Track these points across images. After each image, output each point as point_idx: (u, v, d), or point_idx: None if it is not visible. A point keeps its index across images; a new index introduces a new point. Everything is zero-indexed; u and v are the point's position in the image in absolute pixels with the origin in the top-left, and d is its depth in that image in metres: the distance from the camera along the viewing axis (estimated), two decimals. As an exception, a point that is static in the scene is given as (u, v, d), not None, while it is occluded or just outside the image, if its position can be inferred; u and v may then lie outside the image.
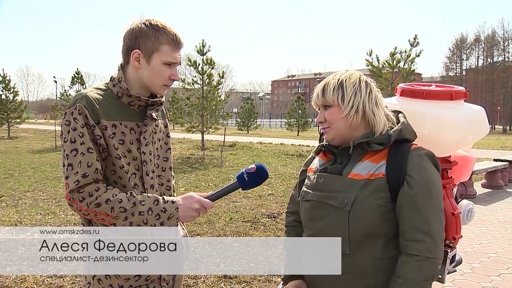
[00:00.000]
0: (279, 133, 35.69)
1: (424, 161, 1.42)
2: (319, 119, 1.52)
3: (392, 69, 17.12)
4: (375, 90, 1.52)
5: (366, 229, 1.40)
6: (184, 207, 1.52)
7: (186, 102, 16.99)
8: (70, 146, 1.46)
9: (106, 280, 1.53)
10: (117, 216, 1.45)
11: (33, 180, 9.57)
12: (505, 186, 9.24)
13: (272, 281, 3.91)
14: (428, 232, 1.36)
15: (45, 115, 57.71)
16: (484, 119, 1.89)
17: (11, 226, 5.64)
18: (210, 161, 12.87)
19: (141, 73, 1.57)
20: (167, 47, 1.54)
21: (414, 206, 1.37)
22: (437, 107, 1.77)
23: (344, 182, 1.44)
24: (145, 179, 1.58)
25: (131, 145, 1.55)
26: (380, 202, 1.39)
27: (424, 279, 1.35)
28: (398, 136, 1.46)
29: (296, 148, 17.61)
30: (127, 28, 1.57)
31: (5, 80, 25.82)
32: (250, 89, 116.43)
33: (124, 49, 1.58)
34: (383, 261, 1.42)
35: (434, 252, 1.36)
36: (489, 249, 5.05)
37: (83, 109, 1.46)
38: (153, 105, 1.61)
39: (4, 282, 3.81)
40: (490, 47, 62.75)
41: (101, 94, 1.54)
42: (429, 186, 1.39)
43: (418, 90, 1.82)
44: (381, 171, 1.42)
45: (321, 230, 1.48)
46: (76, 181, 1.42)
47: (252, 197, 7.66)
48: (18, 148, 18.14)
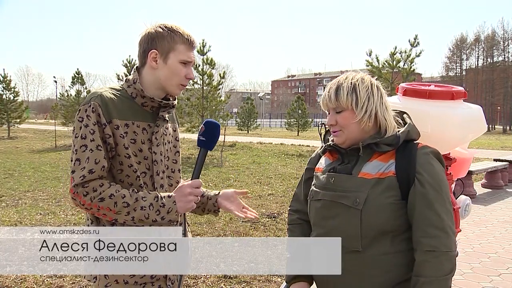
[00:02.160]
0: (279, 133, 35.69)
1: (432, 158, 1.46)
2: (331, 122, 1.52)
3: (392, 69, 17.13)
4: (384, 93, 1.54)
5: (378, 226, 1.42)
6: (179, 198, 1.56)
7: (186, 102, 16.99)
8: (80, 142, 1.49)
9: (112, 275, 1.56)
10: (120, 211, 1.48)
11: (33, 180, 9.57)
12: (505, 186, 9.24)
13: (272, 281, 3.91)
14: (441, 227, 1.39)
15: (45, 115, 57.73)
16: (482, 117, 1.95)
17: (11, 226, 5.64)
18: (210, 161, 12.86)
19: (159, 73, 1.61)
20: (182, 47, 1.60)
21: (427, 203, 1.40)
22: (440, 106, 1.81)
23: (355, 182, 1.46)
24: (155, 179, 1.62)
25: (142, 145, 1.59)
26: (391, 200, 1.42)
27: (444, 274, 1.37)
28: (406, 137, 1.49)
29: (296, 148, 17.61)
30: (143, 33, 1.62)
31: (6, 80, 25.83)
32: (250, 89, 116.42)
33: (140, 52, 1.63)
34: (391, 255, 1.44)
35: (449, 245, 1.39)
36: (489, 249, 5.05)
37: (97, 107, 1.50)
38: (165, 107, 1.65)
39: (4, 282, 3.81)
40: (490, 47, 62.74)
41: (116, 94, 1.58)
42: (439, 183, 1.43)
43: (421, 90, 1.86)
44: (391, 170, 1.44)
45: (333, 228, 1.50)
46: (82, 176, 1.46)
47: (252, 197, 7.66)
48: (18, 148, 18.14)
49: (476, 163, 10.05)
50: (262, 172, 10.96)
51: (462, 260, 4.60)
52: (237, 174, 10.57)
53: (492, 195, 8.51)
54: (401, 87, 1.95)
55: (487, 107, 59.87)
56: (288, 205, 2.00)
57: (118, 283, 1.57)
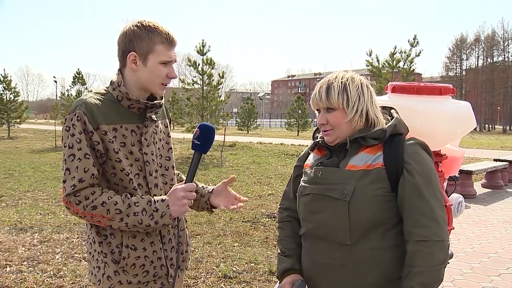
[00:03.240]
0: (279, 133, 35.68)
1: (419, 149, 1.47)
2: (321, 121, 1.52)
3: (392, 69, 17.13)
4: (373, 91, 1.55)
5: (367, 219, 1.41)
6: (172, 202, 1.56)
7: (186, 102, 16.98)
8: (68, 152, 1.50)
9: (115, 276, 1.56)
10: (113, 217, 1.49)
11: (33, 180, 9.57)
12: (505, 186, 9.24)
13: (272, 281, 3.91)
14: (432, 217, 1.38)
15: (45, 115, 57.69)
16: (471, 113, 1.97)
17: (11, 226, 5.64)
18: (210, 161, 12.84)
19: (139, 75, 1.58)
20: (161, 47, 1.56)
21: (416, 192, 1.39)
22: (427, 101, 1.84)
23: (342, 174, 1.46)
24: (149, 179, 1.62)
25: (132, 147, 1.58)
26: (379, 192, 1.42)
27: (437, 264, 1.36)
28: (392, 131, 1.49)
29: (296, 148, 17.61)
30: (120, 32, 1.59)
31: (6, 80, 25.81)
32: (250, 89, 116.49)
33: (120, 53, 1.60)
34: (382, 250, 1.43)
35: (440, 235, 1.38)
36: (489, 249, 5.05)
37: (82, 115, 1.49)
38: (152, 108, 1.63)
39: (4, 282, 3.80)
40: (490, 47, 62.78)
41: (101, 99, 1.57)
42: (428, 172, 1.43)
43: (408, 85, 1.91)
44: (379, 162, 1.44)
45: (321, 222, 1.49)
46: (73, 186, 1.47)
47: (252, 197, 7.66)
48: (18, 148, 18.14)
49: (476, 163, 10.06)
50: (262, 172, 10.96)
51: (462, 260, 4.60)
52: (237, 174, 10.57)
53: (492, 195, 8.51)
54: (390, 84, 2.00)
55: (487, 107, 59.90)
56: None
57: (121, 284, 1.57)
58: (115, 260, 1.56)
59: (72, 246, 4.83)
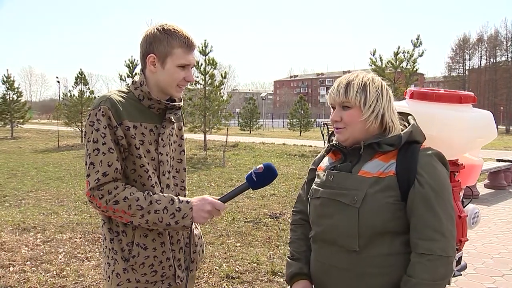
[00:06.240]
0: (281, 133, 35.66)
1: (434, 160, 1.43)
2: (335, 118, 1.50)
3: (395, 69, 17.08)
4: (392, 96, 1.54)
5: (376, 226, 1.40)
6: (197, 208, 1.58)
7: (188, 102, 16.99)
8: (93, 146, 1.51)
9: (124, 274, 1.59)
10: (134, 213, 1.51)
11: (36, 180, 9.60)
12: (508, 186, 9.20)
13: (275, 281, 3.91)
14: (440, 230, 1.36)
15: (48, 115, 57.86)
16: (492, 123, 1.90)
17: (14, 226, 5.65)
18: (212, 161, 12.87)
19: (157, 77, 1.62)
20: (180, 50, 1.59)
21: (426, 204, 1.37)
22: (446, 109, 1.78)
23: (354, 180, 1.45)
24: (162, 179, 1.65)
25: (149, 146, 1.61)
26: (390, 200, 1.40)
27: (437, 279, 1.34)
28: (408, 138, 1.47)
29: (299, 148, 17.60)
30: (142, 35, 1.63)
31: (9, 81, 25.89)
32: (252, 89, 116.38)
33: (141, 55, 1.65)
34: (390, 257, 1.42)
35: (446, 250, 1.35)
36: (492, 250, 5.04)
37: (106, 110, 1.52)
38: (172, 109, 1.67)
39: (7, 282, 3.82)
40: (493, 47, 62.52)
41: (124, 97, 1.61)
42: (440, 185, 1.40)
43: (428, 92, 1.83)
44: (391, 170, 1.42)
45: (330, 227, 1.48)
46: (97, 179, 1.49)
47: (254, 197, 7.65)
48: (21, 148, 18.19)
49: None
50: (265, 172, 10.93)
51: (465, 261, 4.58)
52: (239, 174, 10.57)
53: (495, 195, 8.49)
54: (409, 90, 1.94)
55: (490, 107, 59.62)
56: (290, 205, 2.00)
57: (130, 282, 1.59)
58: (125, 258, 1.58)
59: (75, 246, 4.84)
